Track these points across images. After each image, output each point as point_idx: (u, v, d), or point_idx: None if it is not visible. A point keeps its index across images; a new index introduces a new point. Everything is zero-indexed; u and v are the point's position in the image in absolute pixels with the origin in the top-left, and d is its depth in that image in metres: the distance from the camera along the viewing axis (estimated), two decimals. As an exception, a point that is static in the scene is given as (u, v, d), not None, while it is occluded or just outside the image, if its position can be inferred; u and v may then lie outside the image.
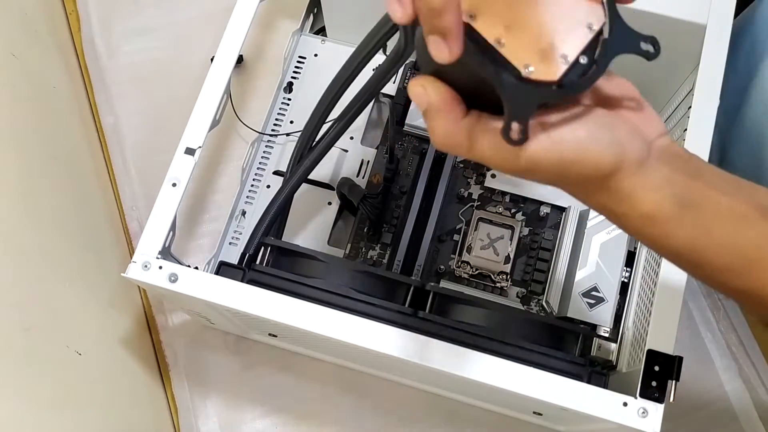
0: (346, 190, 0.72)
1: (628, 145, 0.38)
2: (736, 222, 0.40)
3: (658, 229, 0.39)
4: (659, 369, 0.53)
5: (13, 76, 0.73)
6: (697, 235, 0.39)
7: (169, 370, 0.76)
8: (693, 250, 0.40)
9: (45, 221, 0.68)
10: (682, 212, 0.39)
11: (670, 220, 0.39)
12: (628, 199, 0.38)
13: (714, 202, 0.39)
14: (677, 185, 0.39)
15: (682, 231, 0.39)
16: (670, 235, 0.39)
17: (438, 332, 0.57)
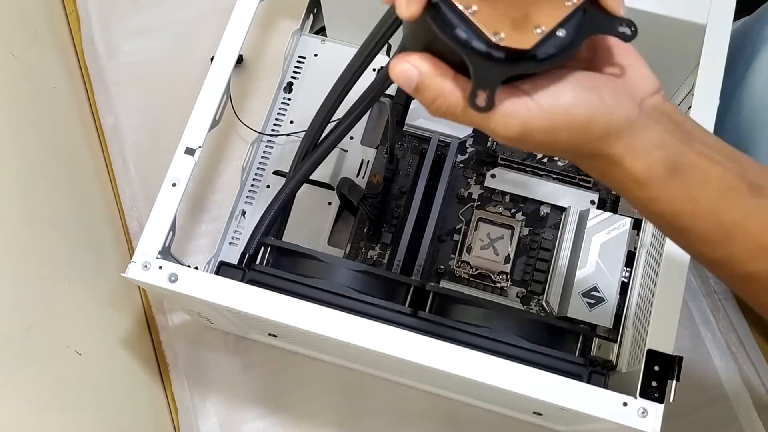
0: (346, 190, 0.72)
1: (615, 106, 0.37)
2: (724, 193, 0.39)
3: (646, 192, 0.39)
4: (659, 369, 0.53)
5: (13, 76, 0.73)
6: (683, 202, 0.39)
7: (169, 370, 0.76)
8: (677, 216, 0.40)
9: (45, 221, 0.68)
10: (671, 177, 0.39)
11: (658, 184, 0.39)
12: (620, 163, 0.38)
13: (704, 170, 0.39)
14: (669, 149, 0.38)
15: (669, 195, 0.39)
16: (656, 198, 0.39)
17: (438, 332, 0.57)
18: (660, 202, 0.40)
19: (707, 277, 0.78)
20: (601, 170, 0.40)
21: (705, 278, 0.78)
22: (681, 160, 0.39)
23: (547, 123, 0.36)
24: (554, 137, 0.37)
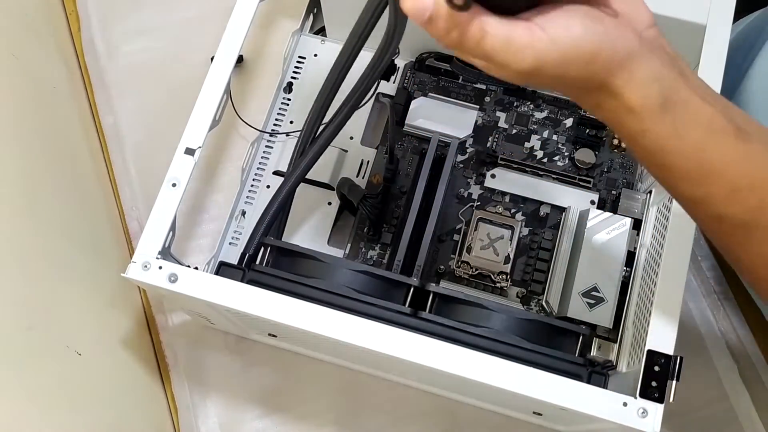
0: (346, 190, 0.72)
1: (618, 38, 0.38)
2: (712, 133, 0.40)
3: (637, 124, 0.39)
4: (659, 369, 0.53)
5: (13, 76, 0.73)
6: (670, 136, 0.40)
7: (169, 370, 0.76)
8: (663, 151, 0.40)
9: (45, 221, 0.68)
10: (663, 111, 0.39)
11: (651, 117, 0.39)
12: (619, 95, 0.39)
13: (695, 107, 0.40)
14: (664, 82, 0.39)
15: (658, 129, 0.39)
16: (646, 131, 0.40)
17: (438, 332, 0.57)
18: (649, 136, 0.40)
19: (707, 277, 0.78)
20: (598, 103, 0.40)
21: (705, 278, 0.78)
22: (674, 95, 0.39)
23: (558, 55, 0.36)
24: (564, 70, 0.37)
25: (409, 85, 0.78)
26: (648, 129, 0.40)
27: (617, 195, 0.72)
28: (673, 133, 0.40)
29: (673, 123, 0.39)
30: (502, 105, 0.77)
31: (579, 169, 0.75)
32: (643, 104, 0.39)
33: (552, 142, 0.76)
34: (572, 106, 0.78)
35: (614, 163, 0.75)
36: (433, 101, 0.75)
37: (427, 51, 0.78)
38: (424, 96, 0.76)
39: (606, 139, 0.76)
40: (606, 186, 0.74)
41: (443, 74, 0.79)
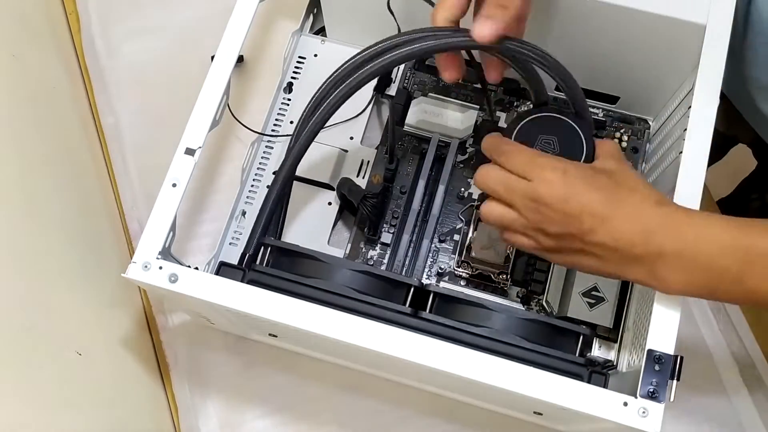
0: (346, 190, 0.72)
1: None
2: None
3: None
4: (659, 369, 0.53)
5: (13, 76, 0.73)
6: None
7: (169, 370, 0.76)
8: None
9: (45, 221, 0.68)
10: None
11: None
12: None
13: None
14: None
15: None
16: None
17: (438, 332, 0.57)
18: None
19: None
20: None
21: (705, 278, 0.78)
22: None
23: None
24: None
25: (409, 85, 0.78)
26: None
27: (617, 195, 0.72)
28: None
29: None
30: (502, 105, 0.77)
31: (579, 169, 0.75)
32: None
33: (552, 142, 0.76)
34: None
35: (614, 163, 0.75)
36: (433, 101, 0.75)
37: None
38: (424, 96, 0.76)
39: (606, 138, 0.76)
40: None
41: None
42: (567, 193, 0.52)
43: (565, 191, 0.52)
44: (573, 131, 0.58)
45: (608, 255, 0.52)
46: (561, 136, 0.58)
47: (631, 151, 0.76)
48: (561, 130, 0.59)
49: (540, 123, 0.59)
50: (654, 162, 0.72)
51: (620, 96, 0.75)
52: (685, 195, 0.58)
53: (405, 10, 0.72)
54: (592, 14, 0.64)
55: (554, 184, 0.52)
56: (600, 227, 0.51)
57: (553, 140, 0.59)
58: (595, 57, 0.70)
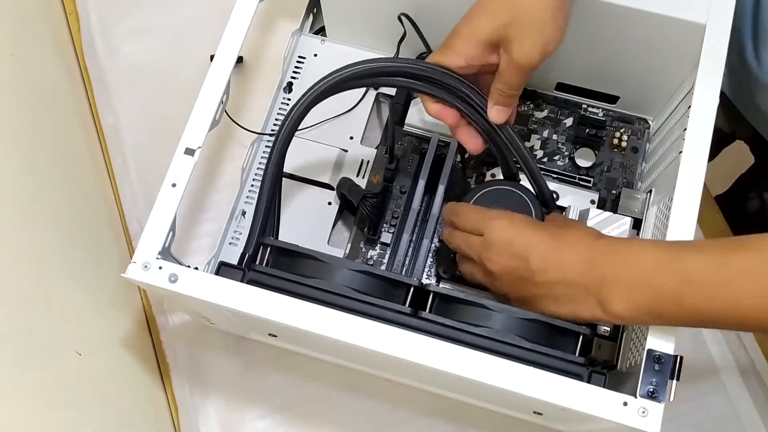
0: (346, 190, 0.72)
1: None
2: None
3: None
4: (659, 369, 0.53)
5: (13, 76, 0.73)
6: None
7: (169, 370, 0.76)
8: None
9: (45, 221, 0.68)
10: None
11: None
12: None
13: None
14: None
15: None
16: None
17: (438, 332, 0.57)
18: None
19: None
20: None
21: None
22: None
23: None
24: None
25: (409, 85, 0.78)
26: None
27: (617, 194, 0.72)
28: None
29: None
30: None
31: (579, 169, 0.75)
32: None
33: (552, 142, 0.76)
34: (572, 106, 0.78)
35: (614, 163, 0.75)
36: (433, 101, 0.75)
37: (426, 51, 0.78)
38: (424, 96, 0.76)
39: (606, 138, 0.76)
40: (606, 185, 0.74)
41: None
42: (512, 235, 0.57)
43: (511, 233, 0.57)
44: (524, 203, 0.66)
45: (560, 292, 0.55)
46: (514, 206, 0.64)
47: (631, 151, 0.75)
48: (514, 201, 0.65)
49: (495, 194, 0.67)
50: (654, 162, 0.72)
51: (620, 96, 0.75)
52: (685, 195, 0.58)
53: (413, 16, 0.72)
54: (592, 14, 0.64)
55: (501, 229, 0.57)
56: (546, 264, 0.55)
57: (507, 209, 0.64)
58: (595, 56, 0.70)
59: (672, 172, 0.61)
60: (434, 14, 0.69)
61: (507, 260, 0.57)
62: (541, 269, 0.55)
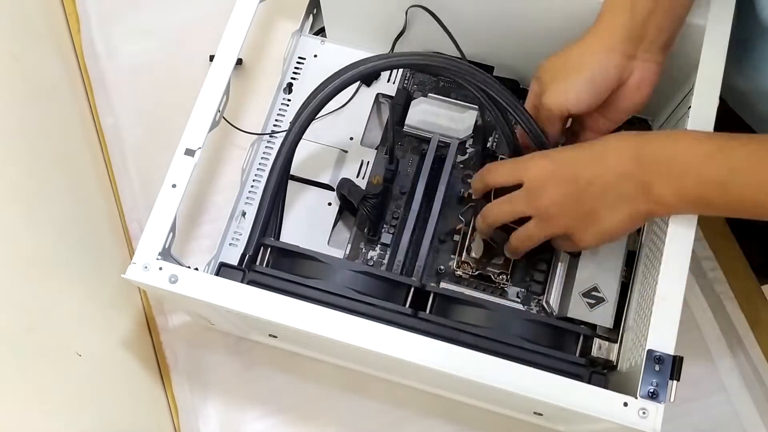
0: (346, 190, 0.72)
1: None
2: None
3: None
4: (659, 369, 0.53)
5: (13, 76, 0.73)
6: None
7: (169, 371, 0.76)
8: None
9: (45, 222, 0.68)
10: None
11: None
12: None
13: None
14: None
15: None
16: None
17: (438, 333, 0.57)
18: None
19: (708, 277, 0.78)
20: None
21: (705, 278, 0.78)
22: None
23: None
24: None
25: (409, 85, 0.78)
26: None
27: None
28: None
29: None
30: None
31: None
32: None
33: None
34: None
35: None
36: (433, 101, 0.75)
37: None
38: (424, 96, 0.76)
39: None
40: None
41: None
42: (554, 167, 0.56)
43: (553, 166, 0.57)
44: None
45: (613, 196, 0.54)
46: None
47: (631, 151, 0.75)
48: None
49: None
50: (654, 162, 0.72)
51: (620, 96, 0.75)
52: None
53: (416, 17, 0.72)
54: (592, 14, 0.64)
55: (542, 166, 0.57)
56: (594, 172, 0.54)
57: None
58: (594, 57, 0.70)
59: (672, 172, 0.61)
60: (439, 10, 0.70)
61: (557, 190, 0.56)
62: (591, 179, 0.55)
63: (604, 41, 0.57)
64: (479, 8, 0.68)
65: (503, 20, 0.69)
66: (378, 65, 0.62)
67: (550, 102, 0.59)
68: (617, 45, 0.57)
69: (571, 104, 0.58)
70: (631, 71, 0.58)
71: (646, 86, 0.59)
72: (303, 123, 0.63)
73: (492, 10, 0.68)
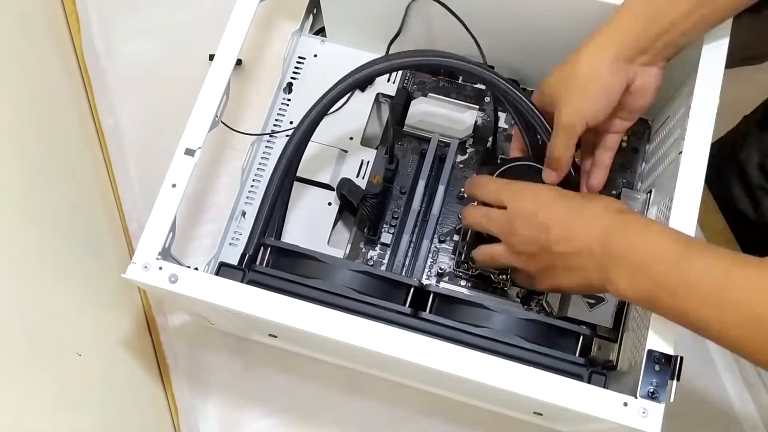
0: (346, 190, 0.72)
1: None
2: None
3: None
4: (659, 369, 0.53)
5: (13, 76, 0.73)
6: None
7: (169, 371, 0.76)
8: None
9: (45, 222, 0.68)
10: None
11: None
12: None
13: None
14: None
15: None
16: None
17: (438, 333, 0.57)
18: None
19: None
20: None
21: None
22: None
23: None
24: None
25: (409, 85, 0.78)
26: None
27: (617, 195, 0.72)
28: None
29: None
30: (503, 105, 0.77)
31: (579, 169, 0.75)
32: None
33: (552, 142, 0.76)
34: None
35: (614, 163, 0.75)
36: (433, 101, 0.75)
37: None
38: (424, 96, 0.76)
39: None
40: (606, 186, 0.74)
41: (443, 74, 0.79)
42: (537, 207, 0.57)
43: (536, 206, 0.58)
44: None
45: (574, 263, 0.55)
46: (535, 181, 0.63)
47: (631, 151, 0.75)
48: (538, 178, 0.63)
49: (518, 170, 0.65)
50: (654, 162, 0.72)
51: (620, 96, 0.75)
52: (685, 195, 0.58)
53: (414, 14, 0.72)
54: (592, 14, 0.64)
55: (527, 200, 0.58)
56: (565, 234, 0.55)
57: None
58: (594, 57, 0.70)
59: (672, 172, 0.61)
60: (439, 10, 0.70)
61: (529, 230, 0.57)
62: (559, 239, 0.55)
63: (612, 50, 0.57)
64: (479, 8, 0.68)
65: (503, 19, 0.69)
66: (410, 62, 0.62)
67: (569, 120, 0.59)
68: (625, 53, 0.57)
69: (590, 118, 0.59)
70: (634, 76, 0.59)
71: (649, 90, 0.60)
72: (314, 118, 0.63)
73: (492, 9, 0.68)
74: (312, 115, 0.63)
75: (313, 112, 0.63)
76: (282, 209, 0.70)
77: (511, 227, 0.58)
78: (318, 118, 0.63)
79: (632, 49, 0.57)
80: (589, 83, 0.58)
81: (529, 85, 0.78)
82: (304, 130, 0.63)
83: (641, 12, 0.57)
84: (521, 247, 0.58)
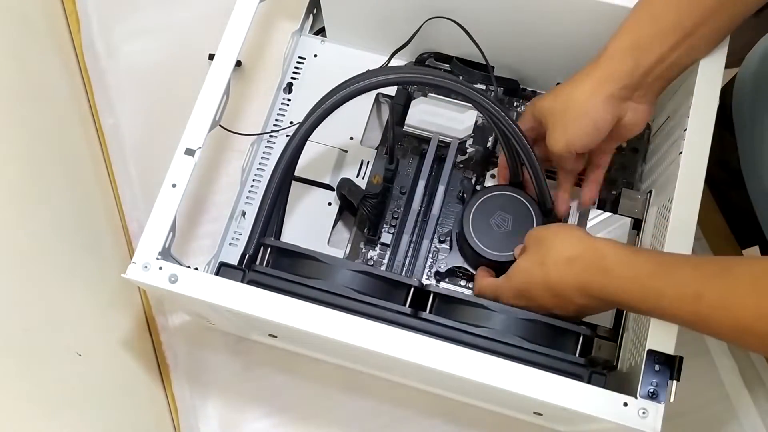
0: (346, 190, 0.72)
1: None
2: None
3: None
4: (659, 369, 0.53)
5: (13, 76, 0.73)
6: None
7: (169, 371, 0.76)
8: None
9: (45, 222, 0.68)
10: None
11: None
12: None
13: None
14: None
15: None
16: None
17: (438, 333, 0.57)
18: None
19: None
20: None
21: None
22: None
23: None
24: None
25: (409, 85, 0.78)
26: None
27: (617, 195, 0.72)
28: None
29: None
30: (502, 105, 0.77)
31: (579, 169, 0.75)
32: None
33: (552, 142, 0.76)
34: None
35: (614, 163, 0.75)
36: (433, 101, 0.75)
37: (426, 51, 0.78)
38: (424, 96, 0.76)
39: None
40: (606, 186, 0.74)
41: (443, 74, 0.78)
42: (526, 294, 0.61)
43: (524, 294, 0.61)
44: (527, 211, 0.68)
45: (555, 302, 0.58)
46: (515, 213, 0.68)
47: (631, 151, 0.75)
48: (517, 208, 0.68)
49: (498, 200, 0.69)
50: (654, 162, 0.72)
51: (620, 96, 0.75)
52: (685, 195, 0.58)
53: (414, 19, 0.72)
54: (592, 14, 0.64)
55: (512, 297, 0.62)
56: (540, 293, 0.59)
57: (508, 219, 0.68)
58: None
59: (672, 172, 0.61)
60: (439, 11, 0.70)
61: (517, 302, 0.61)
62: (542, 305, 0.60)
63: (603, 88, 0.60)
64: (479, 8, 0.68)
65: (504, 20, 0.69)
66: (413, 77, 0.64)
67: (559, 147, 0.62)
68: (617, 92, 0.60)
69: (578, 148, 0.62)
70: (625, 112, 0.62)
71: (638, 125, 0.63)
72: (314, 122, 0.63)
73: (492, 11, 0.68)
74: (305, 126, 0.63)
75: (307, 122, 0.63)
76: (282, 209, 0.70)
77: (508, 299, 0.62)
78: (313, 127, 0.63)
79: (626, 87, 0.60)
80: (582, 118, 0.61)
81: (530, 86, 0.78)
82: (303, 133, 0.63)
83: (628, 48, 0.60)
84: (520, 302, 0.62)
